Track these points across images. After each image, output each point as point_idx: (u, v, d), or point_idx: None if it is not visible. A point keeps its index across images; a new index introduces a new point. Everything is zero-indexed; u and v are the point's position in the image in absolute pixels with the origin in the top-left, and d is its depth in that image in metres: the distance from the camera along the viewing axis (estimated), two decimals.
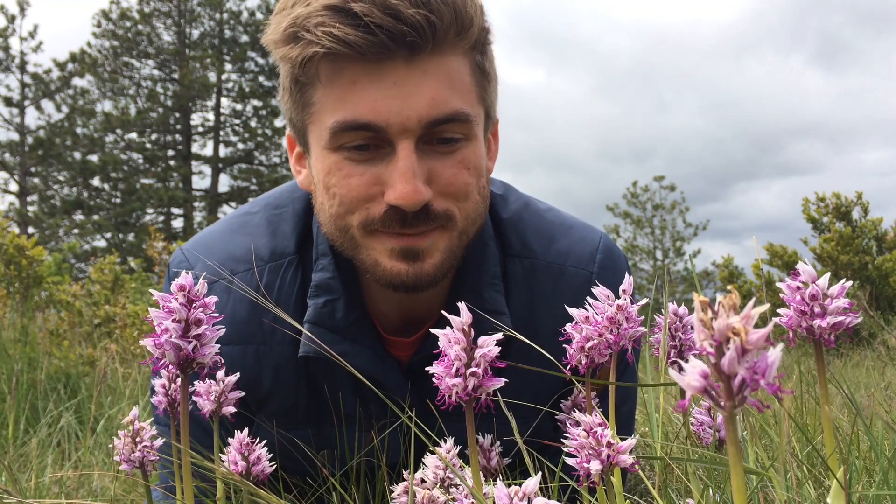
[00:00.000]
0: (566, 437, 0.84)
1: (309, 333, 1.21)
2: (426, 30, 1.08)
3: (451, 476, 0.91)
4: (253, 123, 27.04)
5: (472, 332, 0.78)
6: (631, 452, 0.82)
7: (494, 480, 1.09)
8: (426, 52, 1.10)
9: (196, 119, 26.88)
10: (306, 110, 1.17)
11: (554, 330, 1.00)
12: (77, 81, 25.45)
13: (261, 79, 27.09)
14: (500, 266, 1.33)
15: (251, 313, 1.28)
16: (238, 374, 1.09)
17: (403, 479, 0.98)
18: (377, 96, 1.10)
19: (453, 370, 0.77)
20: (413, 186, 1.10)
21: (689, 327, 1.11)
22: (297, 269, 1.30)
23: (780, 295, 0.83)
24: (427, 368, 0.80)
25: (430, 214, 1.15)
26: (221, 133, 26.90)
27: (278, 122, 27.02)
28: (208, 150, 27.01)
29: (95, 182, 25.75)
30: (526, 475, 1.12)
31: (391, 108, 1.10)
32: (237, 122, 27.10)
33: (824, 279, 0.82)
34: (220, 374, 1.07)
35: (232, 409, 1.07)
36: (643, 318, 0.96)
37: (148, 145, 26.62)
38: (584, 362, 0.95)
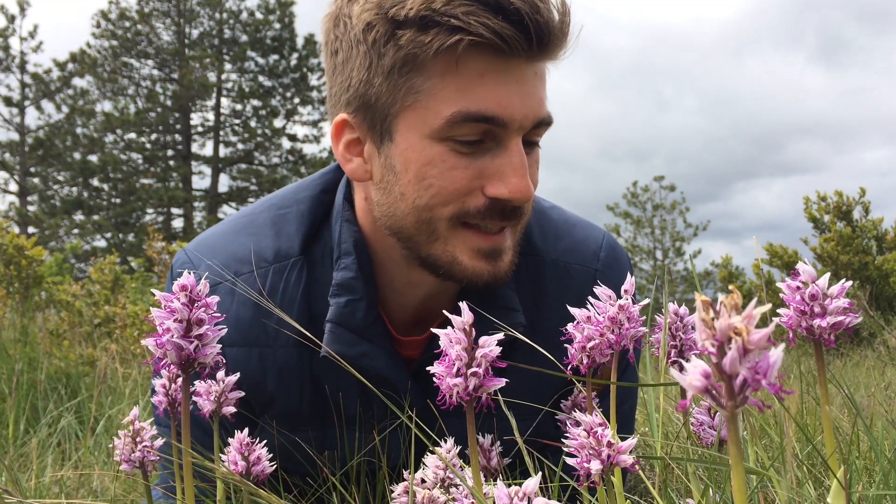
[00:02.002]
0: (566, 437, 0.84)
1: (331, 333, 1.22)
2: (559, 34, 1.11)
3: (452, 476, 0.91)
4: (253, 123, 27.03)
5: (474, 332, 0.78)
6: (631, 452, 0.83)
7: (494, 480, 1.09)
8: (542, 53, 1.13)
9: (196, 119, 26.89)
10: (408, 96, 1.13)
11: (559, 328, 1.01)
12: (77, 81, 25.49)
13: (261, 79, 27.10)
14: None
15: (255, 315, 1.27)
16: (240, 375, 1.09)
17: (404, 480, 0.98)
18: (504, 91, 1.11)
19: (454, 370, 0.77)
20: (526, 182, 1.13)
21: (689, 327, 1.11)
22: (301, 270, 1.29)
23: (780, 295, 0.83)
24: (428, 368, 0.80)
25: (523, 210, 1.18)
26: (221, 133, 26.89)
27: (278, 123, 27.04)
28: (208, 150, 27.02)
29: (95, 182, 25.74)
30: (526, 475, 1.12)
31: (516, 104, 1.11)
32: (237, 122, 27.09)
33: (824, 279, 0.82)
34: (221, 374, 1.07)
35: (232, 409, 1.07)
36: (644, 318, 0.96)
37: (148, 145, 26.61)
38: (585, 362, 0.95)
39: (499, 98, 1.10)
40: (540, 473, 0.70)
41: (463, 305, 0.77)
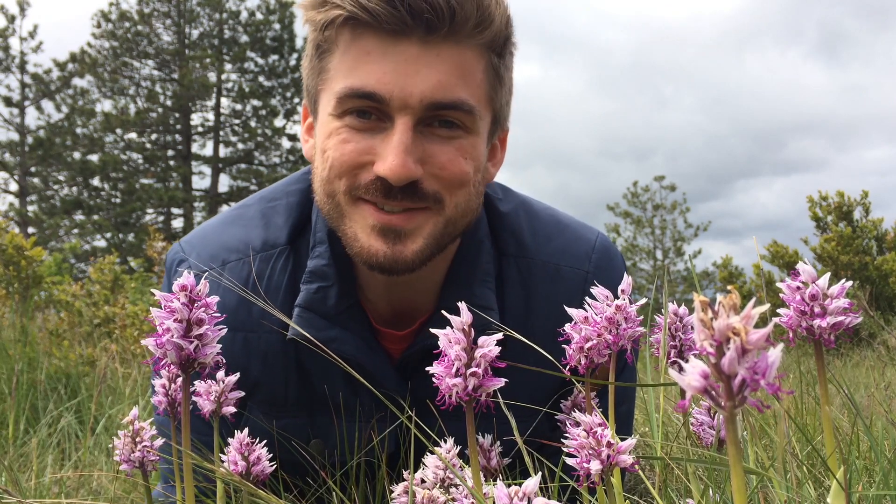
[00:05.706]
0: (566, 437, 0.84)
1: (299, 317, 1.24)
2: (444, 12, 1.12)
3: (451, 476, 0.91)
4: (253, 123, 27.01)
5: (473, 333, 0.78)
6: (631, 452, 0.82)
7: (494, 480, 1.09)
8: (441, 35, 1.13)
9: (196, 119, 26.87)
10: (321, 76, 1.21)
11: (550, 329, 1.01)
12: (77, 81, 25.46)
13: (261, 79, 27.08)
14: (495, 266, 1.34)
15: (240, 301, 1.30)
16: (224, 360, 1.10)
17: (403, 479, 0.98)
18: (386, 69, 1.13)
19: (453, 370, 0.77)
20: (402, 161, 1.13)
21: (689, 327, 1.11)
22: (287, 259, 1.33)
23: (780, 295, 0.83)
24: (427, 368, 0.80)
25: (418, 193, 1.17)
26: (221, 133, 26.88)
27: (278, 122, 27.04)
28: (208, 150, 27.00)
29: (95, 182, 25.73)
30: (526, 475, 1.12)
31: (396, 81, 1.13)
32: (237, 122, 27.07)
33: (824, 279, 0.82)
34: (220, 373, 1.07)
35: (232, 410, 1.08)
36: (642, 318, 0.96)
37: (148, 145, 26.59)
38: (583, 362, 0.95)
39: (379, 75, 1.13)
40: (540, 473, 0.70)
41: (462, 306, 0.77)
